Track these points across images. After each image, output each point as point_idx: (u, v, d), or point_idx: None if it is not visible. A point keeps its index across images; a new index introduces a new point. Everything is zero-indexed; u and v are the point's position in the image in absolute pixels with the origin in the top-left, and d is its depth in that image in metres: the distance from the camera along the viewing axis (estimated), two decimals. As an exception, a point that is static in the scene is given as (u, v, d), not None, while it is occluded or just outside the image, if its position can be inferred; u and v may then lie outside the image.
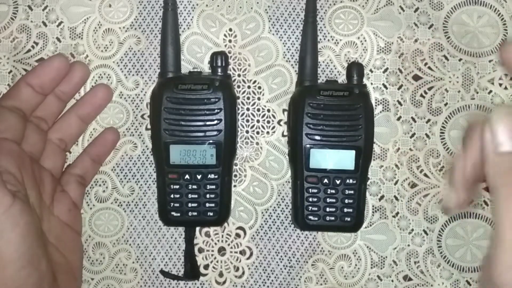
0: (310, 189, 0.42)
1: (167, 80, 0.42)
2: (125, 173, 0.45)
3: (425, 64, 0.44)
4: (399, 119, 0.44)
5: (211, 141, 0.41)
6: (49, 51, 0.44)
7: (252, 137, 0.45)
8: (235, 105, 0.42)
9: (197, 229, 0.45)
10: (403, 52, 0.44)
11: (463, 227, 0.45)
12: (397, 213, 0.45)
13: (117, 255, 0.45)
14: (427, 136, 0.44)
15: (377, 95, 0.44)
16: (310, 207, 0.42)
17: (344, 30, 0.44)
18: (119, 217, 0.45)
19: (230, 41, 0.44)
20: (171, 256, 0.45)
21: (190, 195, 0.42)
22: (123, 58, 0.44)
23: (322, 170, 0.41)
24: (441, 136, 0.44)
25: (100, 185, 0.45)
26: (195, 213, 0.42)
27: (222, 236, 0.45)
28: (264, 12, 0.44)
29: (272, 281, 0.45)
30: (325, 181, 0.41)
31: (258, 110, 0.45)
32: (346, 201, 0.42)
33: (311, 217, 0.42)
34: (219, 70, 0.42)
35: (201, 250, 0.45)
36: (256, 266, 0.45)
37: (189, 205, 0.42)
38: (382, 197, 0.45)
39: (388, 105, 0.44)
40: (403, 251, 0.45)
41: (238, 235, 0.45)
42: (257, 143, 0.45)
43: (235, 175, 0.45)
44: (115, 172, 0.45)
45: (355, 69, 0.42)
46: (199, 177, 0.41)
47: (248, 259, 0.45)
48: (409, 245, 0.45)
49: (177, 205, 0.42)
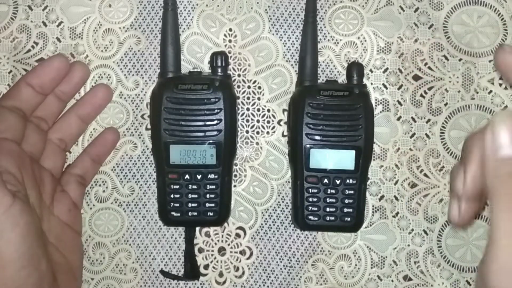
0: (310, 189, 0.42)
1: (167, 80, 0.42)
2: (125, 173, 0.45)
3: (425, 64, 0.44)
4: (399, 119, 0.44)
5: (211, 141, 0.41)
6: (49, 51, 0.44)
7: (252, 137, 0.45)
8: (235, 105, 0.42)
9: (197, 229, 0.45)
10: (403, 52, 0.44)
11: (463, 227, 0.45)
12: (397, 213, 0.45)
13: (117, 255, 0.45)
14: (427, 136, 0.44)
15: (377, 95, 0.44)
16: (310, 207, 0.42)
17: (344, 30, 0.44)
18: (119, 217, 0.45)
19: (230, 41, 0.44)
20: (171, 256, 0.45)
21: (190, 195, 0.42)
22: (123, 58, 0.44)
23: (322, 170, 0.41)
24: (441, 136, 0.44)
25: (100, 185, 0.45)
26: (195, 213, 0.42)
27: (222, 236, 0.45)
28: (264, 12, 0.44)
29: (272, 281, 0.45)
30: (325, 181, 0.41)
31: (258, 110, 0.45)
32: (346, 201, 0.42)
33: (311, 217, 0.42)
34: (219, 70, 0.42)
35: (201, 250, 0.45)
36: (256, 266, 0.45)
37: (189, 205, 0.42)
38: (382, 197, 0.45)
39: (388, 105, 0.44)
40: (403, 251, 0.45)
41: (238, 235, 0.45)
42: (257, 143, 0.45)
43: (235, 175, 0.45)
44: (115, 172, 0.45)
45: (355, 69, 0.42)
46: (199, 177, 0.41)
47: (248, 259, 0.45)
48: (409, 245, 0.45)
49: (177, 205, 0.42)
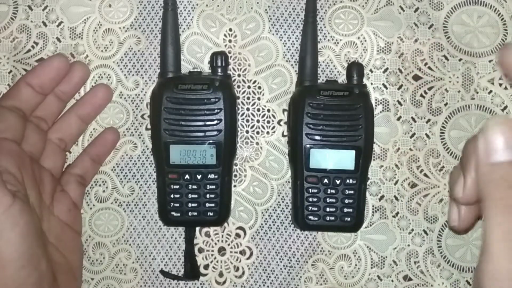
0: (310, 189, 0.42)
1: (167, 80, 0.42)
2: (125, 173, 0.45)
3: (425, 64, 0.44)
4: (399, 119, 0.44)
5: (211, 141, 0.41)
6: (49, 51, 0.44)
7: (252, 137, 0.45)
8: (235, 105, 0.42)
9: (197, 229, 0.45)
10: (403, 52, 0.44)
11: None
12: (397, 213, 0.45)
13: (117, 255, 0.45)
14: (427, 136, 0.44)
15: (377, 95, 0.44)
16: (310, 207, 0.42)
17: (344, 30, 0.44)
18: (119, 217, 0.45)
19: (230, 41, 0.44)
20: (171, 256, 0.45)
21: (190, 195, 0.42)
22: (123, 58, 0.44)
23: (322, 170, 0.41)
24: (441, 136, 0.44)
25: (100, 185, 0.45)
26: (195, 213, 0.42)
27: (222, 236, 0.45)
28: (264, 12, 0.44)
29: (272, 281, 0.45)
30: (325, 181, 0.41)
31: (258, 110, 0.45)
32: (346, 201, 0.42)
33: (311, 217, 0.42)
34: (219, 70, 0.42)
35: (201, 250, 0.45)
36: (256, 266, 0.45)
37: (189, 205, 0.42)
38: (382, 197, 0.45)
39: (388, 105, 0.44)
40: (403, 251, 0.45)
41: (238, 235, 0.45)
42: (257, 143, 0.45)
43: (235, 175, 0.45)
44: (115, 172, 0.45)
45: (355, 69, 0.42)
46: (199, 177, 0.41)
47: (248, 259, 0.45)
48: (409, 245, 0.45)
49: (177, 205, 0.42)
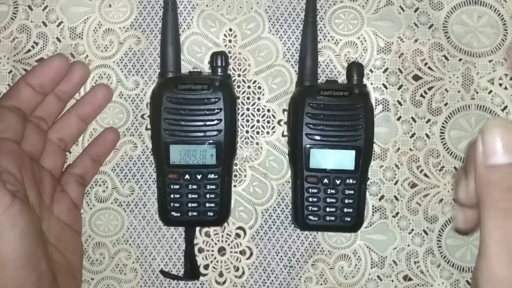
0: (310, 189, 0.41)
1: (167, 80, 0.42)
2: (125, 173, 0.45)
3: (425, 64, 0.44)
4: (399, 119, 0.44)
5: (211, 141, 0.41)
6: (49, 51, 0.44)
7: (252, 137, 0.45)
8: (235, 105, 0.42)
9: (197, 229, 0.45)
10: (403, 52, 0.44)
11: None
12: (397, 213, 0.45)
13: (117, 255, 0.45)
14: (427, 136, 0.44)
15: (377, 95, 0.44)
16: (310, 207, 0.42)
17: (344, 30, 0.44)
18: (119, 217, 0.45)
19: (230, 41, 0.44)
20: (171, 256, 0.45)
21: (190, 195, 0.42)
22: (123, 58, 0.44)
23: (322, 170, 0.41)
24: (441, 136, 0.44)
25: (100, 185, 0.45)
26: (195, 213, 0.42)
27: (222, 236, 0.45)
28: (264, 12, 0.44)
29: (272, 281, 0.45)
30: (325, 181, 0.41)
31: (258, 110, 0.45)
32: (346, 201, 0.41)
33: (311, 217, 0.42)
34: (219, 70, 0.42)
35: (201, 250, 0.45)
36: (256, 266, 0.45)
37: (189, 205, 0.42)
38: (382, 197, 0.45)
39: (388, 105, 0.44)
40: (403, 251, 0.45)
41: (238, 235, 0.45)
42: (257, 143, 0.45)
43: (235, 175, 0.45)
44: (115, 172, 0.45)
45: (355, 69, 0.42)
46: (199, 177, 0.41)
47: (248, 259, 0.45)
48: (409, 245, 0.45)
49: (177, 205, 0.42)
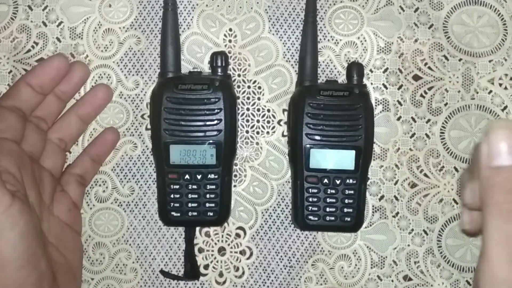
0: (310, 189, 0.41)
1: (167, 80, 0.42)
2: (125, 173, 0.45)
3: (425, 64, 0.44)
4: (399, 119, 0.44)
5: (211, 141, 0.41)
6: (49, 51, 0.44)
7: (252, 137, 0.45)
8: (235, 105, 0.42)
9: (197, 229, 0.45)
10: (403, 52, 0.44)
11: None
12: (397, 213, 0.45)
13: (117, 255, 0.45)
14: (427, 136, 0.44)
15: (377, 95, 0.44)
16: (310, 207, 0.42)
17: (344, 30, 0.44)
18: (119, 217, 0.45)
19: (230, 41, 0.44)
20: (171, 256, 0.45)
21: (190, 195, 0.42)
22: (123, 58, 0.44)
23: (322, 170, 0.41)
24: (441, 136, 0.44)
25: (100, 185, 0.45)
26: (195, 213, 0.42)
27: (222, 236, 0.45)
28: (264, 12, 0.44)
29: (272, 281, 0.45)
30: (325, 181, 0.41)
31: (258, 110, 0.45)
32: (346, 201, 0.41)
33: (311, 217, 0.42)
34: (219, 70, 0.42)
35: (201, 250, 0.45)
36: (256, 266, 0.45)
37: (189, 205, 0.42)
38: (382, 197, 0.45)
39: (388, 105, 0.44)
40: (403, 251, 0.45)
41: (238, 235, 0.45)
42: (257, 143, 0.45)
43: (235, 175, 0.45)
44: (115, 172, 0.45)
45: (355, 69, 0.42)
46: (199, 177, 0.41)
47: (248, 259, 0.45)
48: (409, 245, 0.45)
49: (177, 205, 0.42)
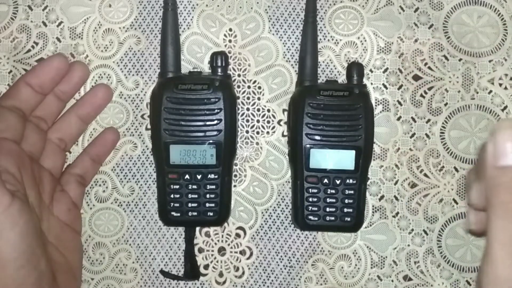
0: (310, 189, 0.41)
1: (167, 80, 0.42)
2: (125, 173, 0.45)
3: (425, 64, 0.44)
4: (399, 119, 0.44)
5: (211, 141, 0.41)
6: (49, 51, 0.44)
7: (252, 137, 0.45)
8: (235, 105, 0.42)
9: (197, 229, 0.45)
10: (403, 52, 0.44)
11: (463, 227, 0.44)
12: (397, 213, 0.45)
13: (117, 255, 0.45)
14: (427, 136, 0.44)
15: (377, 95, 0.44)
16: (310, 207, 0.42)
17: (344, 30, 0.44)
18: (119, 217, 0.45)
19: (230, 41, 0.44)
20: (171, 256, 0.45)
21: (190, 195, 0.42)
22: (123, 58, 0.44)
23: (322, 170, 0.41)
24: (441, 136, 0.44)
25: (100, 185, 0.45)
26: (195, 213, 0.42)
27: (222, 236, 0.45)
28: (264, 12, 0.44)
29: (272, 281, 0.45)
30: (325, 181, 0.41)
31: (258, 110, 0.45)
32: (346, 201, 0.41)
33: (311, 217, 0.42)
34: (219, 70, 0.42)
35: (201, 250, 0.45)
36: (256, 266, 0.45)
37: (189, 205, 0.42)
38: (382, 197, 0.45)
39: (388, 105, 0.44)
40: (403, 251, 0.45)
41: (238, 235, 0.45)
42: (257, 143, 0.45)
43: (235, 175, 0.45)
44: (115, 172, 0.45)
45: (355, 69, 0.42)
46: (199, 177, 0.41)
47: (248, 259, 0.45)
48: (409, 245, 0.45)
49: (177, 205, 0.42)
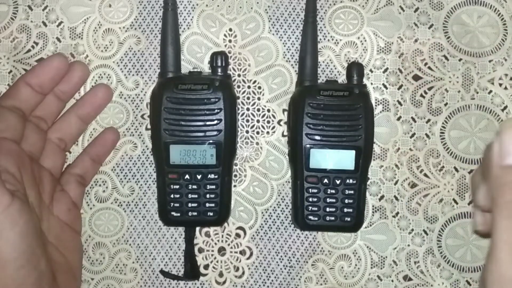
0: (310, 189, 0.41)
1: (167, 80, 0.42)
2: (125, 173, 0.45)
3: (425, 64, 0.44)
4: (399, 119, 0.44)
5: (211, 141, 0.41)
6: (49, 51, 0.44)
7: (252, 137, 0.45)
8: (235, 105, 0.42)
9: (197, 229, 0.45)
10: (403, 52, 0.44)
11: (463, 227, 0.44)
12: (397, 213, 0.45)
13: (117, 255, 0.45)
14: (427, 136, 0.44)
15: (377, 95, 0.44)
16: (310, 207, 0.42)
17: (344, 30, 0.44)
18: (119, 217, 0.45)
19: (230, 41, 0.44)
20: (171, 256, 0.45)
21: (190, 195, 0.42)
22: (123, 58, 0.44)
23: (322, 170, 0.41)
24: (441, 136, 0.44)
25: (100, 185, 0.45)
26: (195, 213, 0.42)
27: (222, 236, 0.45)
28: (264, 12, 0.44)
29: (272, 281, 0.45)
30: (325, 181, 0.41)
31: (258, 110, 0.45)
32: (346, 201, 0.41)
33: (311, 217, 0.42)
34: (219, 70, 0.42)
35: (201, 250, 0.45)
36: (256, 266, 0.45)
37: (189, 205, 0.42)
38: (382, 197, 0.45)
39: (388, 105, 0.44)
40: (403, 251, 0.45)
41: (238, 235, 0.45)
42: (257, 143, 0.45)
43: (235, 175, 0.45)
44: (115, 172, 0.45)
45: (355, 69, 0.42)
46: (199, 177, 0.41)
47: (248, 259, 0.45)
48: (409, 245, 0.45)
49: (177, 205, 0.42)
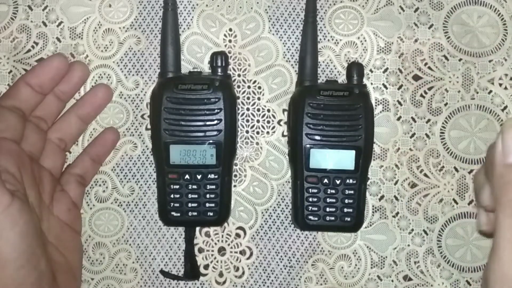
0: (310, 189, 0.41)
1: (167, 80, 0.42)
2: (125, 173, 0.45)
3: (425, 64, 0.44)
4: (399, 119, 0.44)
5: (211, 141, 0.41)
6: (49, 51, 0.44)
7: (252, 137, 0.45)
8: (235, 105, 0.42)
9: (197, 229, 0.45)
10: (403, 52, 0.44)
11: (463, 227, 0.44)
12: (397, 213, 0.45)
13: (117, 255, 0.45)
14: (427, 136, 0.44)
15: (377, 95, 0.44)
16: (310, 207, 0.42)
17: (344, 30, 0.44)
18: (119, 217, 0.45)
19: (230, 41, 0.44)
20: (171, 256, 0.45)
21: (190, 195, 0.42)
22: (123, 58, 0.44)
23: (322, 170, 0.41)
24: (441, 136, 0.44)
25: (100, 185, 0.45)
26: (195, 213, 0.42)
27: (222, 236, 0.45)
28: (264, 12, 0.44)
29: (272, 281, 0.45)
30: (325, 181, 0.41)
31: (258, 110, 0.45)
32: (346, 201, 0.41)
33: (311, 217, 0.42)
34: (219, 70, 0.42)
35: (201, 250, 0.45)
36: (256, 266, 0.45)
37: (189, 205, 0.42)
38: (382, 197, 0.45)
39: (388, 105, 0.44)
40: (403, 251, 0.45)
41: (238, 235, 0.45)
42: (257, 143, 0.45)
43: (235, 175, 0.45)
44: (115, 172, 0.45)
45: (355, 69, 0.42)
46: (199, 177, 0.41)
47: (248, 259, 0.45)
48: (409, 245, 0.45)
49: (177, 205, 0.42)
